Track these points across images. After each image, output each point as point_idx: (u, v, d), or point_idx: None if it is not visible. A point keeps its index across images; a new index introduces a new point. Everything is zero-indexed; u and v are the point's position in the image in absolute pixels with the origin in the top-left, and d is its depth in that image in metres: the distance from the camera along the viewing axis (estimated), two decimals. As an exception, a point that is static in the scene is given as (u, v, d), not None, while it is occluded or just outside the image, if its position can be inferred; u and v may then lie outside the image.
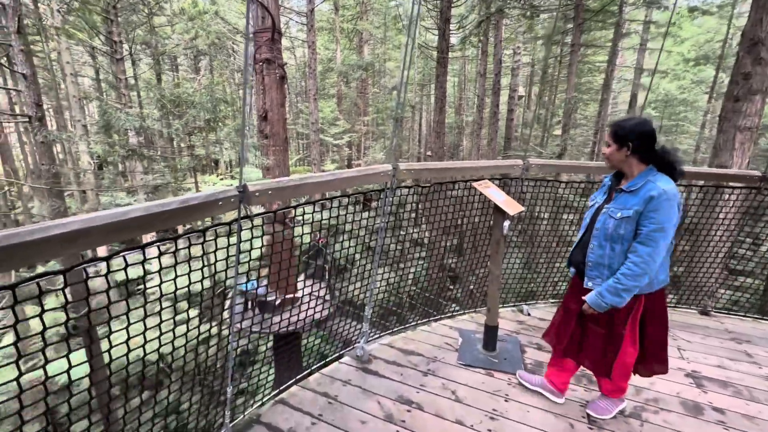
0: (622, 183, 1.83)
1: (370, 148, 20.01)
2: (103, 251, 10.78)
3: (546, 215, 3.73)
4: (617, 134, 1.78)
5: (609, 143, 1.82)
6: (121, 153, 10.28)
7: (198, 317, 2.06)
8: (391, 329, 3.12)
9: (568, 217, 3.73)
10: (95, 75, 16.93)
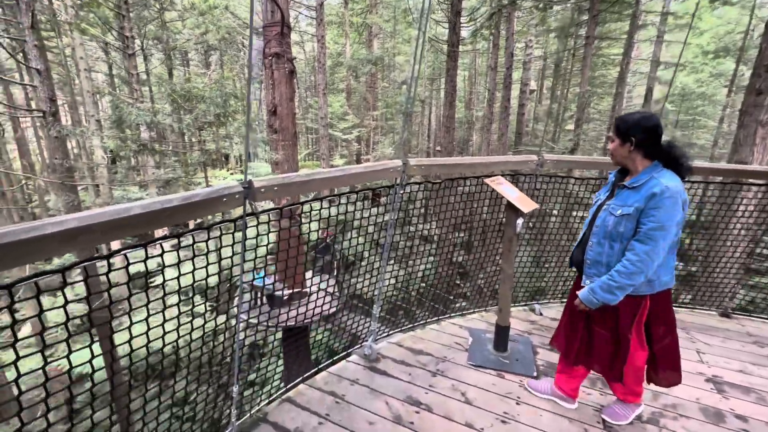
0: (626, 179, 1.76)
1: (379, 143, 19.90)
2: (116, 246, 10.95)
3: (556, 212, 3.65)
4: (620, 129, 1.71)
5: (613, 138, 1.75)
6: (133, 148, 10.39)
7: (203, 315, 2.04)
8: (399, 326, 3.07)
9: (578, 213, 3.63)
10: (108, 70, 17.12)
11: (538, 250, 4.02)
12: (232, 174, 10.86)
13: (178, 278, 1.43)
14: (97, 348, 1.39)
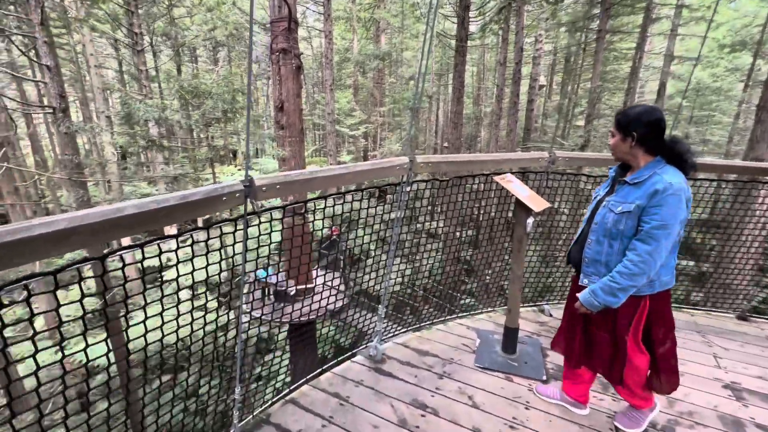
0: (627, 175, 1.68)
1: (386, 139, 19.81)
2: (127, 242, 11.05)
3: (566, 209, 3.56)
4: (621, 123, 1.63)
5: (613, 133, 1.67)
6: (142, 144, 10.46)
7: (207, 310, 2.01)
8: (405, 325, 3.03)
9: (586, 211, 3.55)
10: (118, 67, 17.26)
11: (548, 249, 3.93)
12: (239, 170, 10.89)
13: (177, 279, 1.39)
14: (92, 341, 1.38)
